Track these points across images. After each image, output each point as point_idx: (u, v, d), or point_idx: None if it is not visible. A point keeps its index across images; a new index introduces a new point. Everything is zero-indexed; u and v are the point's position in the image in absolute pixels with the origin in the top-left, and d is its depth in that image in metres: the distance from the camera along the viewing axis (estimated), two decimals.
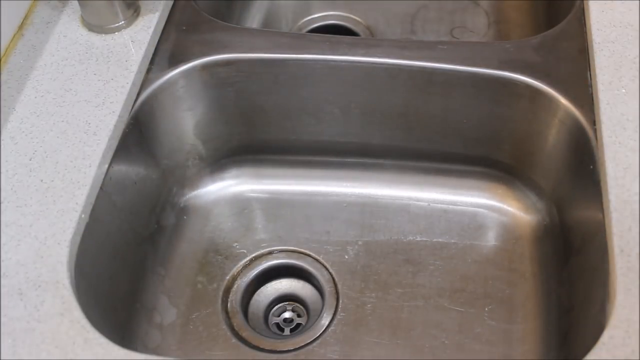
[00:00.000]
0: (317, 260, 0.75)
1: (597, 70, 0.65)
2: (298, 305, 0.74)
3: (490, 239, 0.75)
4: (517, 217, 0.76)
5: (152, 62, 0.70)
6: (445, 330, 0.69)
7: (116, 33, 0.71)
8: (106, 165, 0.62)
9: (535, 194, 0.76)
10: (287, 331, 0.72)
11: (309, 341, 0.69)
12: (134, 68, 0.68)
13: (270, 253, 0.76)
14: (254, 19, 0.95)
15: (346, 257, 0.75)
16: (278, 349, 0.69)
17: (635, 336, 0.49)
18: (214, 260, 0.75)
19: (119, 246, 0.66)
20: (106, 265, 0.64)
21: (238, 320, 0.71)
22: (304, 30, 0.97)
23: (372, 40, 0.88)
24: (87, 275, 0.58)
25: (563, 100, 0.65)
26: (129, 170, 0.68)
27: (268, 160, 0.81)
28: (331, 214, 0.78)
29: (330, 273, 0.74)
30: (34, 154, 0.62)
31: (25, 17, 0.72)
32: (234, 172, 0.81)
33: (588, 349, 0.49)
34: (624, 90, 0.63)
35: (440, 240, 0.75)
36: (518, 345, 0.67)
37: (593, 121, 0.63)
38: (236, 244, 0.77)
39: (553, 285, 0.70)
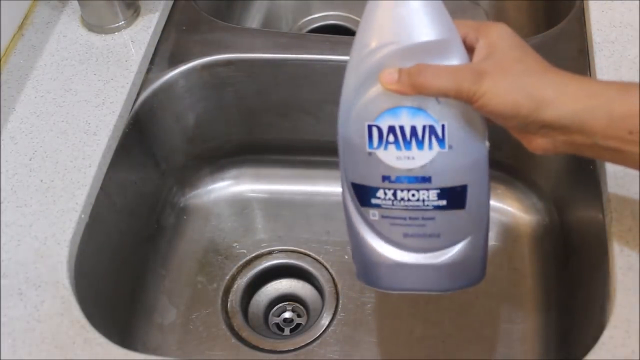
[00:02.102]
0: (317, 260, 0.75)
1: (597, 70, 0.65)
2: (298, 305, 0.74)
3: (490, 239, 0.75)
4: (517, 217, 0.76)
5: (152, 62, 0.70)
6: (445, 330, 0.69)
7: (116, 33, 0.71)
8: (106, 165, 0.62)
9: (535, 194, 0.76)
10: (287, 331, 0.72)
11: (309, 341, 0.69)
12: (134, 68, 0.68)
13: (270, 253, 0.76)
14: (254, 19, 0.95)
15: (346, 257, 0.75)
16: (278, 349, 0.69)
17: (635, 336, 0.49)
18: (214, 260, 0.75)
19: (119, 246, 0.66)
20: (106, 265, 0.64)
21: (238, 320, 0.71)
22: (304, 30, 0.97)
23: None
24: (87, 275, 0.58)
25: None
26: (129, 170, 0.68)
27: (268, 160, 0.81)
28: (331, 214, 0.78)
29: (330, 273, 0.74)
30: (34, 154, 0.62)
31: (25, 17, 0.72)
32: (233, 172, 0.81)
33: (588, 349, 0.49)
34: None
35: None
36: (518, 345, 0.67)
37: None
38: (236, 244, 0.77)
39: (553, 285, 0.70)
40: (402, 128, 0.45)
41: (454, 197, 0.46)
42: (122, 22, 0.71)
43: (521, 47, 0.45)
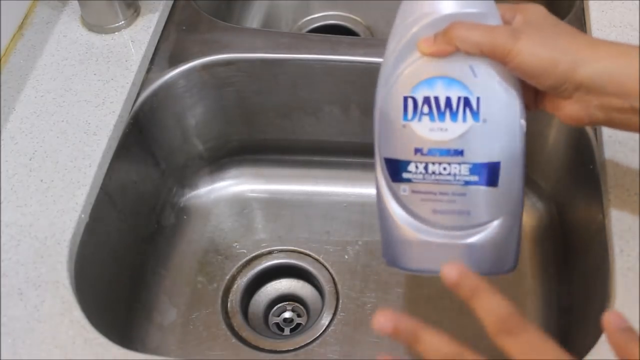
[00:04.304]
0: (317, 260, 0.75)
1: None
2: (298, 305, 0.74)
3: None
4: None
5: (152, 62, 0.70)
6: (445, 330, 0.69)
7: (116, 33, 0.71)
8: (106, 165, 0.62)
9: (535, 194, 0.76)
10: (287, 331, 0.72)
11: (309, 341, 0.69)
12: (134, 68, 0.68)
13: (270, 253, 0.76)
14: (254, 19, 0.95)
15: (346, 257, 0.75)
16: (278, 349, 0.69)
17: None
18: (214, 260, 0.75)
19: (119, 246, 0.66)
20: (106, 265, 0.64)
21: (238, 320, 0.71)
22: (304, 30, 0.97)
23: (372, 40, 0.88)
24: (87, 275, 0.58)
25: None
26: (129, 170, 0.68)
27: (268, 160, 0.81)
28: (331, 214, 0.78)
29: (330, 273, 0.74)
30: (34, 154, 0.62)
31: (25, 17, 0.72)
32: (233, 172, 0.81)
33: (588, 349, 0.49)
34: None
35: None
36: None
37: None
38: (236, 244, 0.77)
39: (553, 285, 0.70)
40: (436, 99, 0.45)
41: (486, 173, 0.46)
42: (122, 22, 0.71)
43: (556, 20, 0.46)
